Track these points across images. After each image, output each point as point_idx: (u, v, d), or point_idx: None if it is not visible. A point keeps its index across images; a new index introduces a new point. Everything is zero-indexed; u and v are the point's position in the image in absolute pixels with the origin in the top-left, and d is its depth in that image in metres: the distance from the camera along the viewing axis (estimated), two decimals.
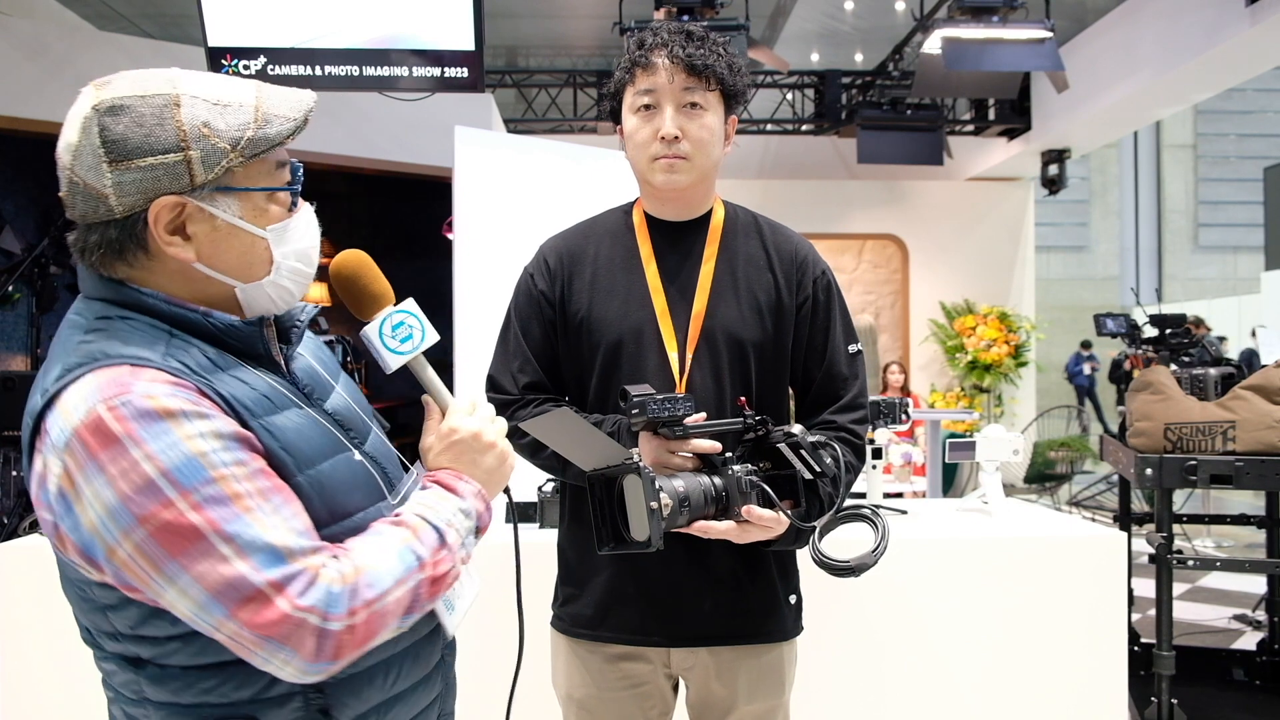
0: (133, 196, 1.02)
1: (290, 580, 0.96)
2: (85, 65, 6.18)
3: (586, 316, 1.72)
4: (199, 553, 0.95)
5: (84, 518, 0.96)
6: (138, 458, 0.94)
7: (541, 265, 1.79)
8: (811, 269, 1.77)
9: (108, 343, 1.02)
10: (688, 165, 1.68)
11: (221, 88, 1.07)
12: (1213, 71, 7.30)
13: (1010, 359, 10.47)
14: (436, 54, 4.65)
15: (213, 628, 0.97)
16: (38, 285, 6.58)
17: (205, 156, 1.03)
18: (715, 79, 1.67)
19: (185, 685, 1.05)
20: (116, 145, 1.01)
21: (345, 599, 0.99)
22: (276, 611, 0.95)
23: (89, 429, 0.95)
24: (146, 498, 0.94)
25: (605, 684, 1.74)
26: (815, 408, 1.77)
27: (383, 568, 1.03)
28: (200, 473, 0.96)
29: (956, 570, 2.85)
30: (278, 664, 0.97)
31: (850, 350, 1.78)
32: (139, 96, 1.03)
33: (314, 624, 0.96)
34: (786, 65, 8.14)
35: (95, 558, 0.98)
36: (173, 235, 1.05)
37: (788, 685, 1.79)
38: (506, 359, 1.77)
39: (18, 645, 2.63)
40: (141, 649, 1.05)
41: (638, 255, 1.75)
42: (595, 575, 1.73)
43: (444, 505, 1.13)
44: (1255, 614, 5.06)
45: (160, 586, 0.96)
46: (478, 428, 1.21)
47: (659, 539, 1.40)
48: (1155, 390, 3.29)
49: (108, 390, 0.97)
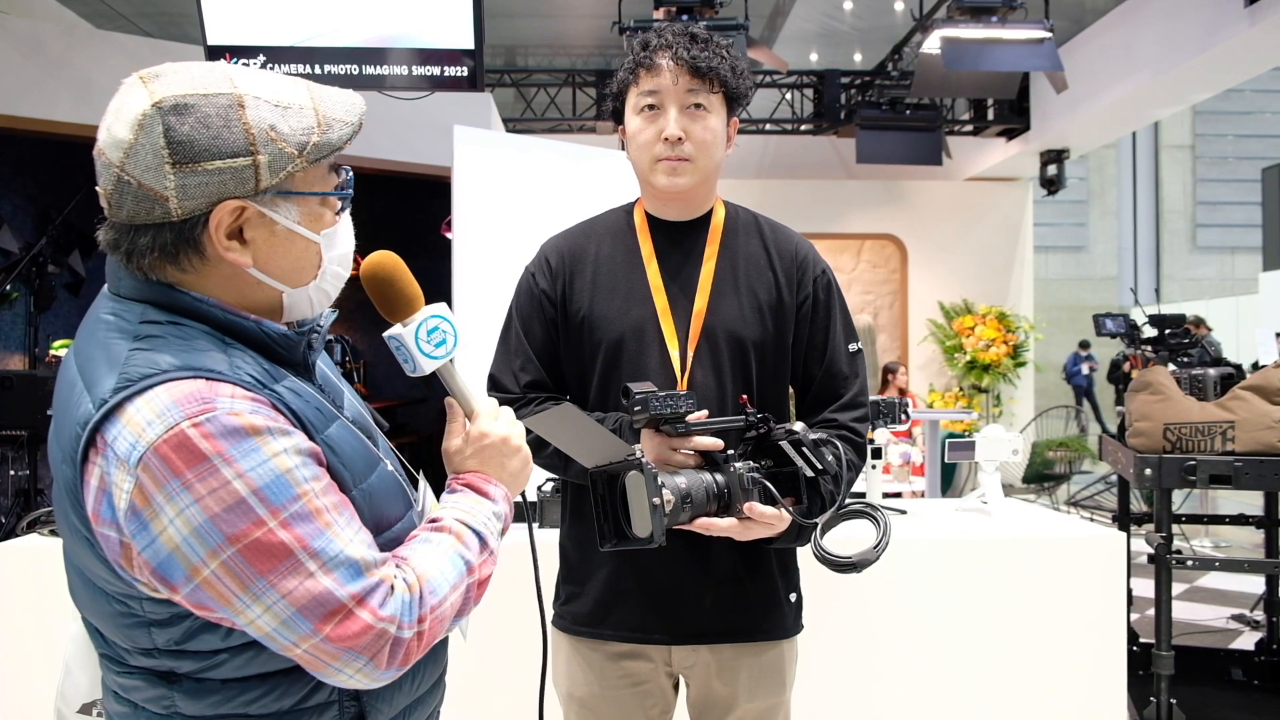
0: (195, 200, 0.99)
1: (371, 593, 0.98)
2: (83, 64, 6.18)
3: (588, 315, 1.73)
4: (287, 570, 0.95)
5: (163, 537, 0.93)
6: (229, 476, 0.93)
7: (543, 264, 1.80)
8: (812, 268, 1.78)
9: (170, 353, 0.99)
10: (691, 167, 1.69)
11: (279, 88, 1.05)
12: (1211, 72, 7.30)
13: (1009, 359, 10.47)
14: (435, 53, 4.64)
15: (291, 644, 0.96)
16: (35, 284, 6.58)
17: (272, 161, 1.01)
18: (719, 81, 1.68)
19: (226, 698, 1.04)
20: (182, 147, 0.97)
21: (415, 607, 1.01)
22: (360, 624, 0.97)
23: (172, 446, 0.93)
24: (238, 516, 0.93)
25: (607, 682, 1.74)
26: (816, 406, 1.78)
27: (440, 575, 1.06)
28: (288, 490, 0.96)
29: (956, 570, 2.85)
30: (350, 673, 0.98)
31: (850, 349, 1.79)
32: (202, 95, 0.99)
33: (392, 633, 0.99)
34: (785, 65, 8.14)
35: (172, 577, 0.95)
36: (230, 240, 1.02)
37: (788, 683, 1.80)
38: (508, 358, 1.78)
39: (15, 644, 2.62)
40: (181, 663, 1.03)
41: (639, 254, 1.75)
42: (597, 573, 1.73)
43: (480, 509, 1.15)
44: (1254, 614, 5.07)
45: (244, 604, 0.95)
46: (507, 432, 1.23)
47: (661, 535, 1.40)
48: (1154, 390, 3.29)
49: (189, 406, 0.94)
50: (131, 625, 1.03)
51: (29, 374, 5.79)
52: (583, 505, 1.71)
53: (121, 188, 1.00)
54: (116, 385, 0.96)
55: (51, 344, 6.55)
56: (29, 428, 5.07)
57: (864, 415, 1.78)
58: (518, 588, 1.32)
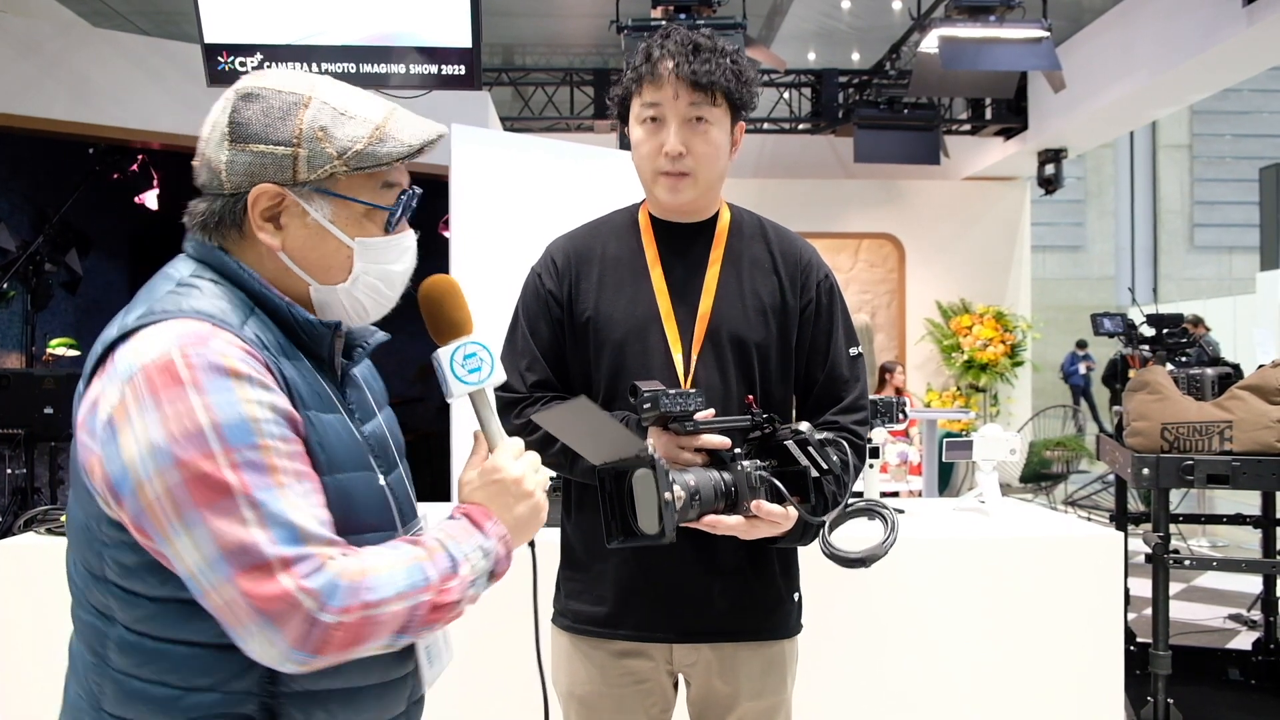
0: (239, 176, 1.09)
1: (300, 560, 0.98)
2: (80, 62, 6.17)
3: (593, 316, 1.74)
4: (223, 509, 0.96)
5: (125, 448, 0.98)
6: (195, 405, 0.97)
7: (549, 264, 1.80)
8: (815, 273, 1.79)
9: (197, 298, 1.07)
10: (691, 181, 1.69)
11: (355, 100, 1.13)
12: (1209, 72, 7.31)
13: (1006, 358, 10.48)
14: (433, 51, 4.63)
15: (211, 587, 0.97)
16: (32, 283, 6.56)
17: (312, 157, 1.09)
18: (721, 94, 1.67)
19: (149, 659, 1.04)
20: (240, 128, 1.09)
21: (345, 594, 0.99)
22: (278, 586, 0.96)
23: (157, 368, 0.99)
24: (192, 444, 0.97)
25: (608, 681, 1.74)
26: (817, 409, 1.79)
27: (387, 576, 1.03)
28: (248, 436, 0.99)
29: (953, 570, 2.85)
30: (261, 642, 0.97)
31: (851, 353, 1.80)
32: (276, 90, 1.11)
33: (308, 609, 0.97)
34: (783, 64, 8.14)
35: (121, 490, 0.99)
36: (266, 221, 1.11)
37: (789, 682, 1.80)
38: (514, 357, 1.78)
39: (10, 643, 2.62)
40: (119, 604, 1.05)
41: (644, 256, 1.76)
42: (600, 572, 1.74)
43: (468, 539, 1.13)
44: (1251, 614, 5.07)
45: (175, 532, 0.97)
46: (520, 473, 1.20)
47: (672, 531, 1.40)
48: (1152, 390, 3.30)
49: (186, 339, 1.01)
50: (90, 544, 1.07)
51: (26, 373, 5.77)
52: (586, 503, 1.71)
53: (202, 159, 1.13)
54: (141, 314, 1.05)
55: (48, 343, 6.55)
56: (26, 426, 5.06)
57: (865, 418, 1.79)
58: (518, 588, 1.31)
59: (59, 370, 5.91)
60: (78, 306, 7.41)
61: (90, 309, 7.43)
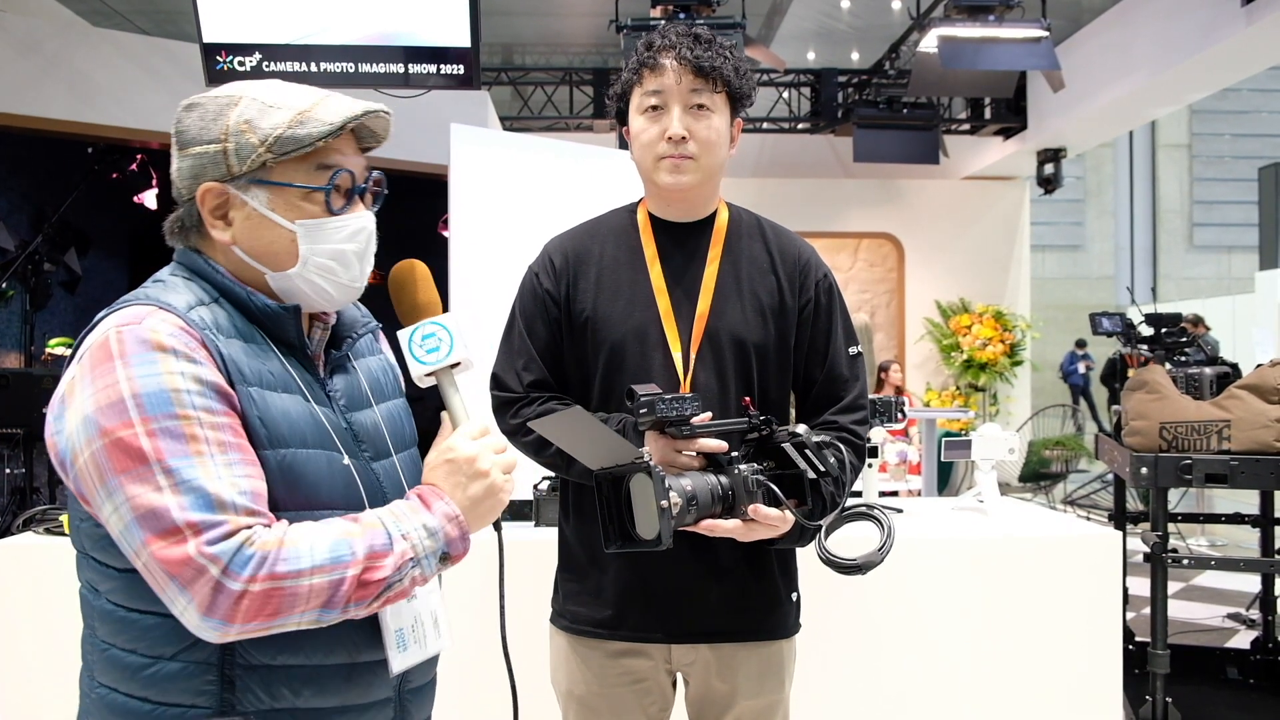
0: (187, 180, 1.16)
1: (208, 528, 1.00)
2: (80, 62, 6.17)
3: (591, 316, 1.73)
4: (138, 476, 1.01)
5: (68, 422, 1.05)
6: (119, 377, 1.03)
7: (547, 264, 1.79)
8: (814, 272, 1.79)
9: (158, 289, 1.14)
10: (694, 165, 1.69)
11: (285, 93, 1.17)
12: (1208, 71, 7.31)
13: (1005, 358, 10.49)
14: (432, 51, 4.63)
15: (132, 552, 1.02)
16: (31, 282, 6.55)
17: (239, 149, 1.14)
18: (722, 81, 1.68)
19: (120, 629, 1.10)
20: (181, 135, 1.16)
21: (254, 564, 1.00)
22: (183, 552, 0.99)
23: (96, 345, 1.06)
24: (114, 413, 1.02)
25: (606, 681, 1.74)
26: (816, 409, 1.78)
27: (307, 549, 1.03)
28: (166, 405, 1.03)
29: (952, 569, 2.85)
30: (180, 606, 1.01)
31: (851, 352, 1.79)
32: (212, 96, 1.17)
33: (213, 574, 0.99)
34: (783, 63, 8.14)
35: (65, 462, 1.05)
36: (217, 219, 1.16)
37: (787, 681, 1.80)
38: (511, 357, 1.77)
39: (11, 643, 2.62)
40: (95, 576, 1.12)
41: (642, 255, 1.76)
42: (599, 574, 1.73)
43: (410, 517, 1.11)
44: (1249, 613, 5.07)
45: (101, 499, 1.02)
46: (475, 452, 1.17)
47: (669, 537, 1.40)
48: (1151, 389, 3.30)
49: (125, 319, 1.07)
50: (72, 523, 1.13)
51: (25, 372, 5.77)
52: (584, 505, 1.70)
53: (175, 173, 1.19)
54: (109, 309, 1.12)
55: (47, 342, 6.54)
56: (25, 426, 5.06)
57: (864, 418, 1.78)
58: (512, 587, 1.31)
59: (58, 370, 5.90)
60: (77, 306, 7.41)
61: (89, 308, 7.38)
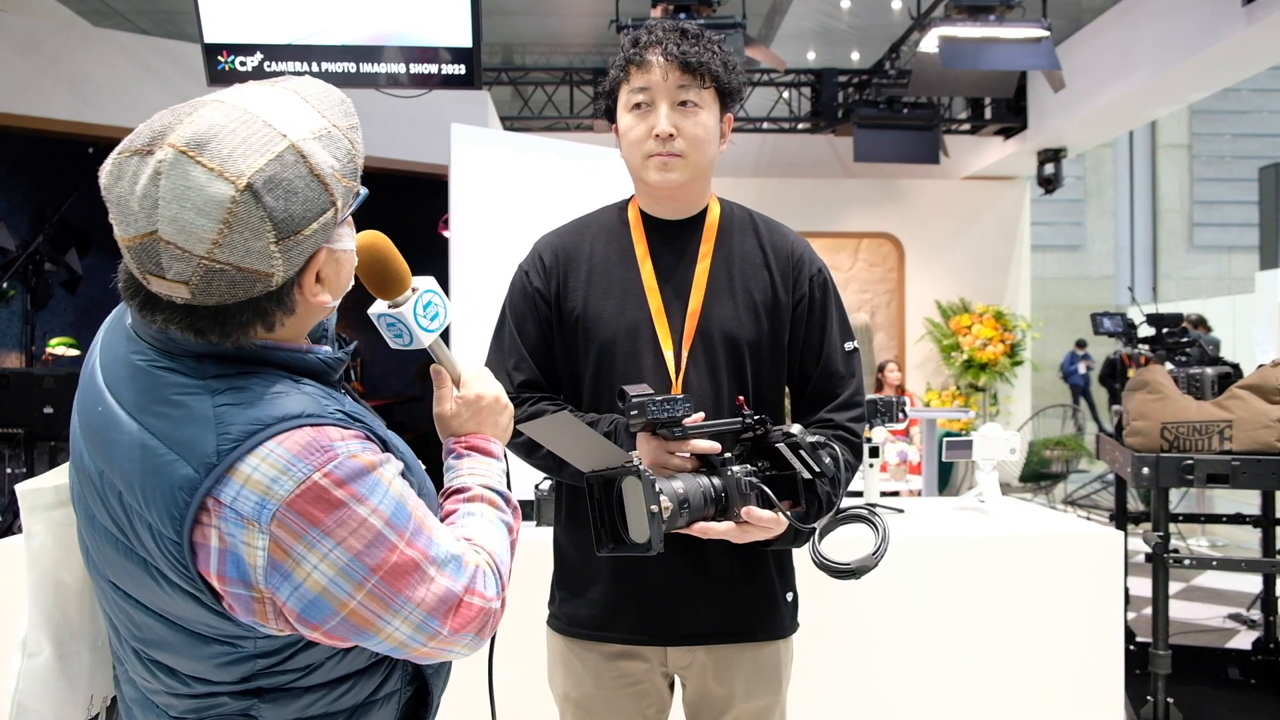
0: (296, 265, 0.99)
1: (475, 580, 1.07)
2: (80, 62, 6.17)
3: (582, 314, 1.72)
4: (416, 581, 1.02)
5: (308, 583, 0.98)
6: (364, 515, 0.99)
7: (536, 262, 1.78)
8: (808, 267, 1.76)
9: (261, 405, 0.99)
10: (682, 163, 1.67)
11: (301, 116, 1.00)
12: (1208, 71, 7.31)
13: (1006, 358, 10.48)
14: (433, 51, 4.63)
15: (421, 645, 1.04)
16: (32, 282, 6.55)
17: (344, 200, 1.03)
18: (710, 76, 1.67)
19: (309, 702, 1.10)
20: (285, 224, 0.96)
21: (497, 580, 1.11)
22: (474, 609, 1.06)
23: (308, 500, 0.97)
24: (378, 549, 1.00)
25: (602, 683, 1.74)
26: (812, 406, 1.76)
27: (499, 544, 1.15)
28: (404, 513, 1.03)
29: (952, 569, 2.85)
30: (459, 651, 1.07)
31: (847, 348, 1.77)
32: (274, 159, 0.95)
33: (494, 609, 1.09)
34: (783, 63, 8.13)
35: (315, 618, 0.99)
36: (317, 284, 1.04)
37: (784, 683, 1.79)
38: (501, 356, 1.76)
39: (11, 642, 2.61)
40: (272, 679, 1.07)
41: (633, 253, 1.74)
42: (593, 576, 1.72)
43: (493, 470, 1.23)
44: (1250, 613, 5.07)
45: (384, 623, 1.01)
46: (497, 391, 1.29)
47: (659, 542, 1.39)
48: (1152, 389, 3.30)
49: (314, 457, 0.97)
50: (234, 661, 1.05)
51: (25, 372, 5.77)
52: (578, 507, 1.69)
53: (212, 276, 0.95)
54: (219, 447, 0.96)
55: (48, 342, 6.55)
56: (25, 426, 5.06)
57: (860, 415, 1.77)
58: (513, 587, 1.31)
59: (59, 370, 5.90)
60: (77, 306, 7.40)
61: (90, 308, 7.42)
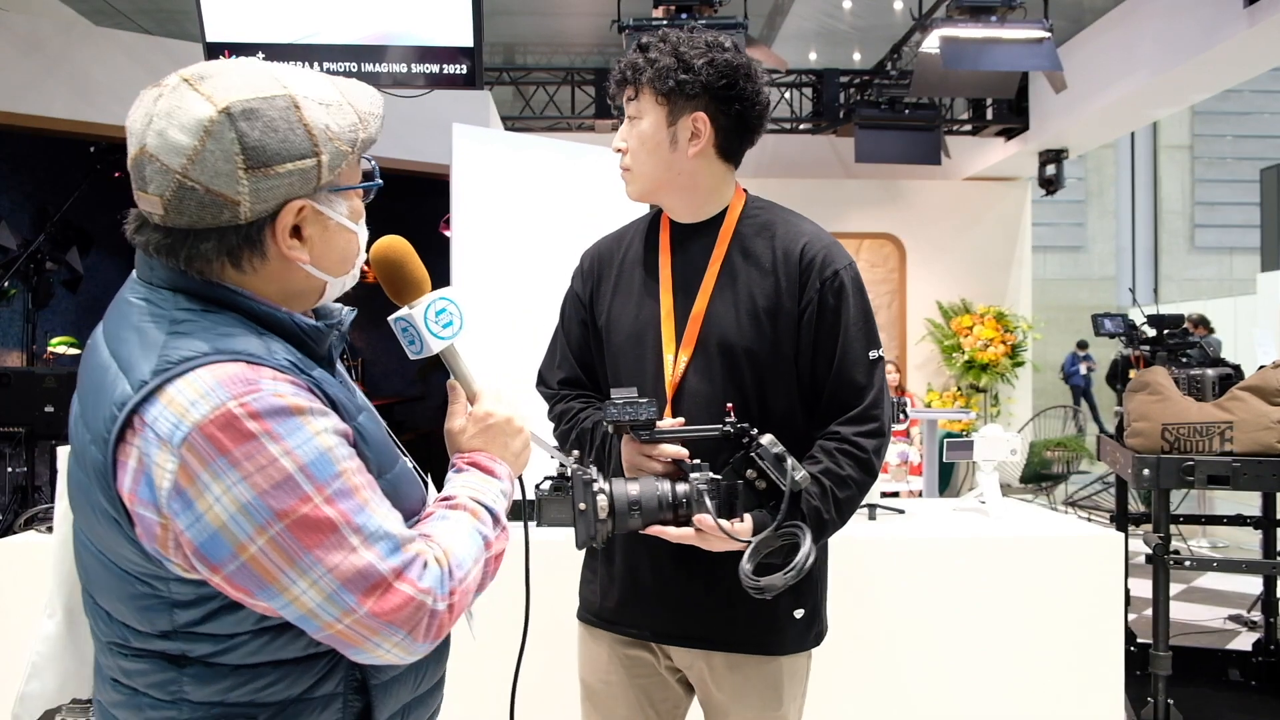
0: (266, 203, 1.02)
1: (408, 566, 1.01)
2: (82, 61, 6.16)
3: (607, 317, 1.78)
4: (333, 544, 0.97)
5: (209, 515, 0.95)
6: (276, 454, 0.96)
7: (580, 267, 1.88)
8: (820, 271, 1.66)
9: (208, 338, 1.01)
10: (630, 175, 1.73)
11: (317, 86, 1.07)
12: (1210, 72, 7.30)
13: (1007, 359, 10.47)
14: (434, 51, 4.63)
15: (333, 619, 0.98)
16: (33, 281, 6.54)
17: (331, 159, 1.05)
18: (643, 84, 1.67)
19: (235, 684, 1.04)
20: (255, 152, 1.00)
21: (446, 580, 1.04)
22: (401, 596, 0.99)
23: (218, 425, 0.95)
24: (286, 493, 0.95)
25: (615, 671, 1.78)
26: (825, 418, 1.67)
27: (463, 549, 1.09)
28: (330, 467, 0.99)
29: (953, 570, 2.85)
30: (388, 648, 1.00)
31: (870, 357, 1.66)
32: (263, 99, 1.01)
33: (429, 605, 1.01)
34: (784, 64, 8.13)
35: (214, 556, 0.96)
36: (292, 239, 1.06)
37: (786, 700, 1.74)
38: (551, 356, 1.89)
39: (12, 642, 2.61)
40: (195, 646, 1.04)
41: (657, 256, 1.78)
42: (606, 568, 1.79)
43: (489, 487, 1.18)
44: (1251, 614, 5.07)
45: (290, 580, 0.96)
46: (511, 413, 1.26)
47: (588, 538, 1.46)
48: (1153, 390, 3.29)
49: (234, 387, 0.96)
50: (153, 607, 1.03)
51: (27, 371, 5.77)
52: None
53: (184, 193, 1.00)
54: (156, 367, 0.98)
55: (49, 341, 6.55)
56: (26, 425, 5.06)
57: (877, 429, 1.64)
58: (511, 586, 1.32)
59: (60, 369, 5.91)
60: (79, 305, 7.40)
61: (91, 307, 7.42)
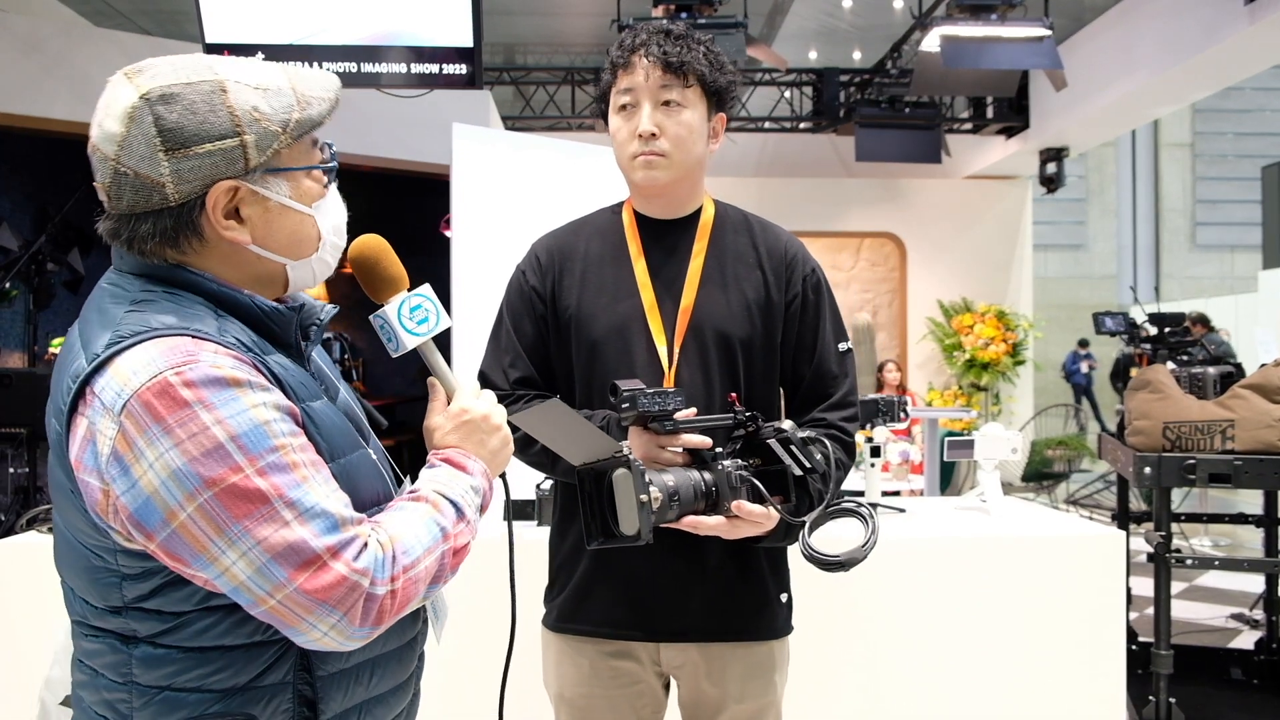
0: (190, 184, 1.04)
1: (345, 546, 1.00)
2: (82, 62, 6.17)
3: (576, 312, 1.74)
4: (263, 517, 0.97)
5: (143, 480, 0.97)
6: (207, 422, 0.97)
7: (533, 262, 1.81)
8: (800, 267, 1.77)
9: (161, 315, 1.04)
10: (665, 162, 1.69)
11: (258, 72, 1.10)
12: (1211, 70, 7.30)
13: (1008, 357, 10.47)
14: (434, 51, 4.64)
15: (265, 594, 0.98)
16: (34, 282, 6.56)
17: (259, 140, 1.06)
18: (693, 75, 1.68)
19: (182, 668, 1.05)
20: (172, 134, 1.03)
21: (388, 565, 1.03)
22: (334, 575, 0.99)
23: (154, 393, 0.97)
24: (215, 461, 0.96)
25: (597, 683, 1.74)
26: (805, 406, 1.77)
27: (413, 537, 1.07)
28: (265, 440, 0.99)
29: (954, 569, 2.85)
30: (324, 629, 1.00)
31: (840, 349, 1.78)
32: (186, 84, 1.04)
33: (365, 587, 1.00)
34: (784, 63, 8.13)
35: (148, 522, 0.97)
36: (228, 220, 1.08)
37: (779, 684, 1.78)
38: (498, 355, 1.79)
39: (13, 642, 2.62)
40: (142, 624, 1.05)
41: (626, 251, 1.76)
42: (585, 572, 1.73)
43: (457, 482, 1.17)
44: (1253, 613, 5.06)
45: (219, 550, 0.97)
46: (487, 410, 1.25)
47: (649, 533, 1.40)
48: (1154, 389, 3.29)
49: (174, 357, 0.99)
50: (104, 580, 1.05)
51: (28, 371, 5.78)
52: (571, 503, 1.71)
53: (119, 179, 1.04)
54: (109, 341, 1.01)
55: (50, 342, 6.54)
56: (28, 425, 5.07)
57: (853, 415, 1.77)
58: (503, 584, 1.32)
59: None
60: (80, 306, 7.39)
61: None
